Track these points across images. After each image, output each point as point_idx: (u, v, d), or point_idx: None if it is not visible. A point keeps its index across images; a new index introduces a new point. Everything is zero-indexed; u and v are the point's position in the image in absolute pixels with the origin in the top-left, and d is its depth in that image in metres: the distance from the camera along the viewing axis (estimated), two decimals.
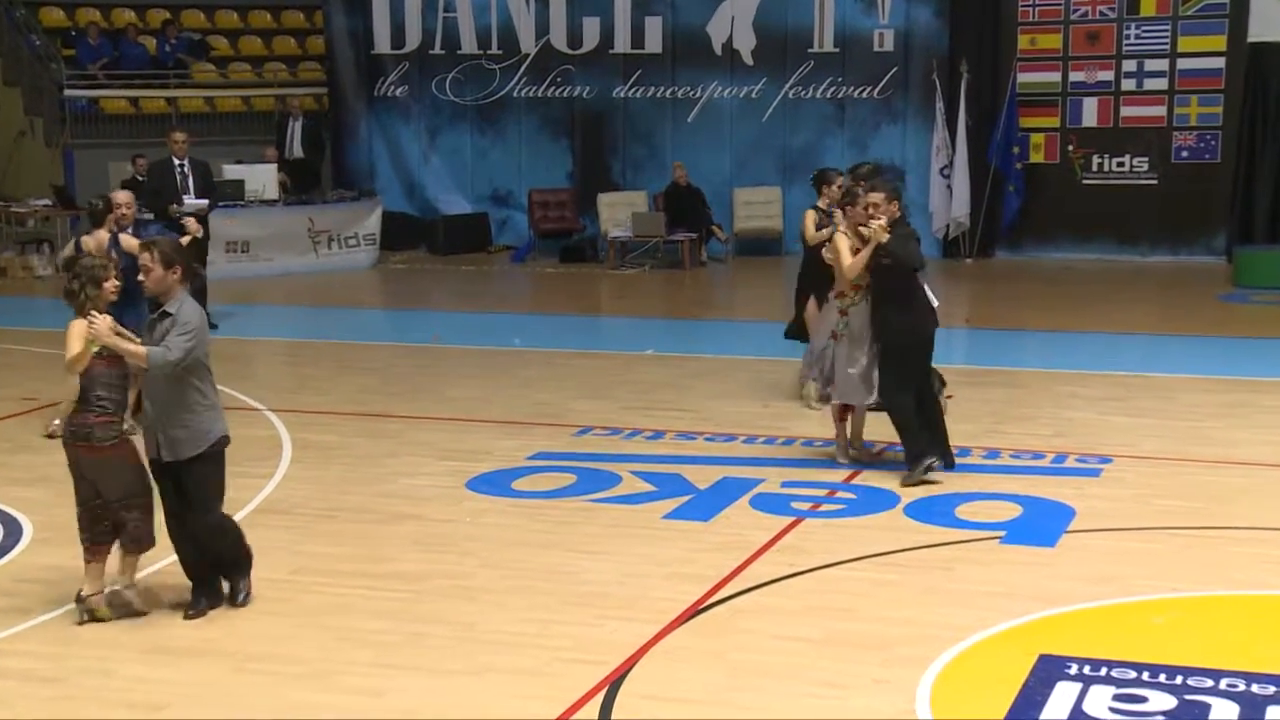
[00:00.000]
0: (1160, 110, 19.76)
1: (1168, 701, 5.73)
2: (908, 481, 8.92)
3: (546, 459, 9.78)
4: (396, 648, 6.50)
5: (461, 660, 6.36)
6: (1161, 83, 19.71)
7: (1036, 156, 20.32)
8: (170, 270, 6.80)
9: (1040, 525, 8.13)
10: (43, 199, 20.97)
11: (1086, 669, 6.03)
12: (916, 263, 9.16)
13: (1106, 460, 9.51)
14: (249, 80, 24.00)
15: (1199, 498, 8.68)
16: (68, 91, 21.83)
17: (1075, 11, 19.97)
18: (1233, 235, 19.30)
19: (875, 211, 8.96)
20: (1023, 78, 20.12)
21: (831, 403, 9.67)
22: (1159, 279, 18.65)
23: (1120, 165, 20.02)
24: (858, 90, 20.86)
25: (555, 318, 16.67)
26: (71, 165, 21.46)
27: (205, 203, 15.33)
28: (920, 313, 9.13)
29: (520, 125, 22.48)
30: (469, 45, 22.46)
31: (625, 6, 21.73)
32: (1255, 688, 5.85)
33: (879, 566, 7.50)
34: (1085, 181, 20.18)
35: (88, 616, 6.83)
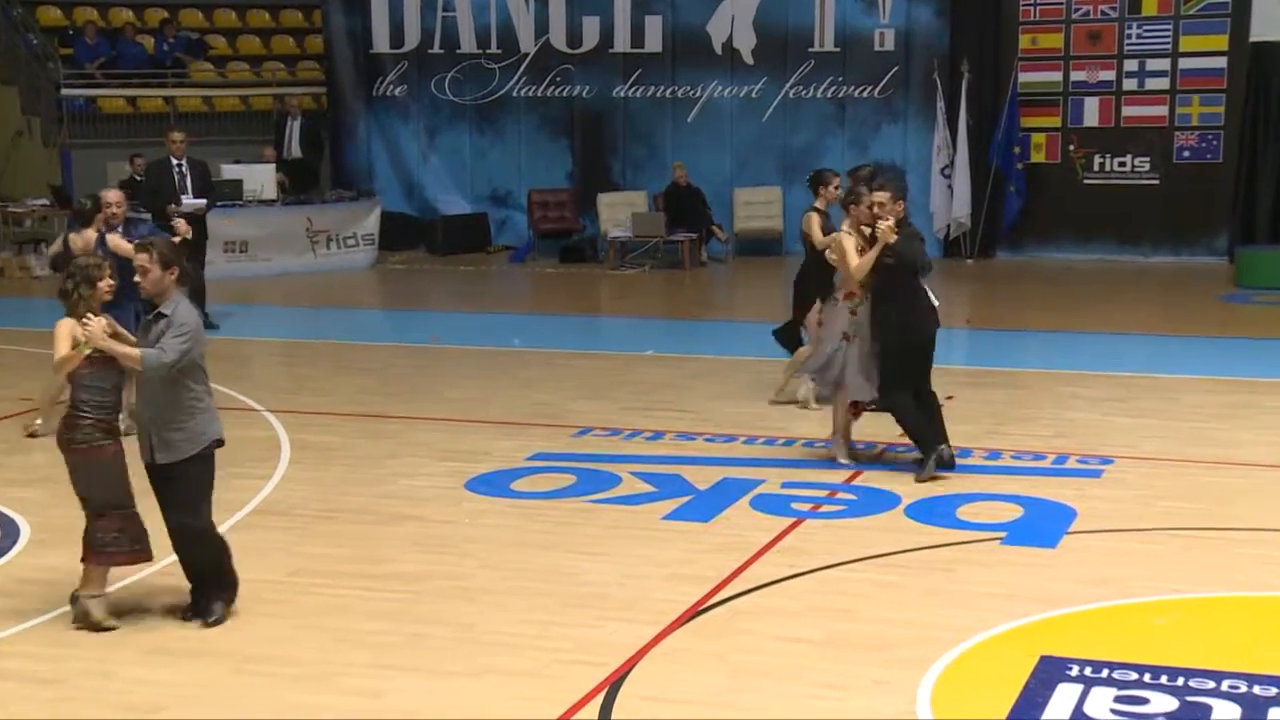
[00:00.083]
0: (1162, 110, 19.74)
1: (1169, 703, 5.72)
2: (921, 478, 8.92)
3: (546, 460, 9.76)
4: (396, 649, 6.48)
5: (461, 661, 6.34)
6: (1163, 82, 19.68)
7: (1038, 156, 20.30)
8: (168, 271, 6.74)
9: (1041, 526, 8.11)
10: (40, 199, 20.93)
11: (1088, 670, 6.02)
12: (922, 264, 9.13)
13: (1108, 461, 9.49)
14: (247, 80, 23.97)
15: (1201, 499, 8.66)
16: (65, 91, 21.77)
17: (1077, 11, 19.94)
18: (1235, 235, 19.28)
19: (881, 211, 8.92)
20: (1024, 77, 20.10)
21: (844, 403, 9.47)
22: (1160, 279, 18.64)
23: (1122, 165, 20.00)
24: (858, 90, 20.84)
25: (555, 318, 16.65)
26: (69, 165, 21.39)
27: (203, 202, 15.31)
28: (921, 312, 9.12)
29: (520, 125, 22.46)
30: (468, 45, 22.43)
31: (625, 6, 21.69)
32: (1257, 689, 5.83)
33: (880, 567, 7.49)
34: (1086, 181, 20.15)
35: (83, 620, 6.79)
